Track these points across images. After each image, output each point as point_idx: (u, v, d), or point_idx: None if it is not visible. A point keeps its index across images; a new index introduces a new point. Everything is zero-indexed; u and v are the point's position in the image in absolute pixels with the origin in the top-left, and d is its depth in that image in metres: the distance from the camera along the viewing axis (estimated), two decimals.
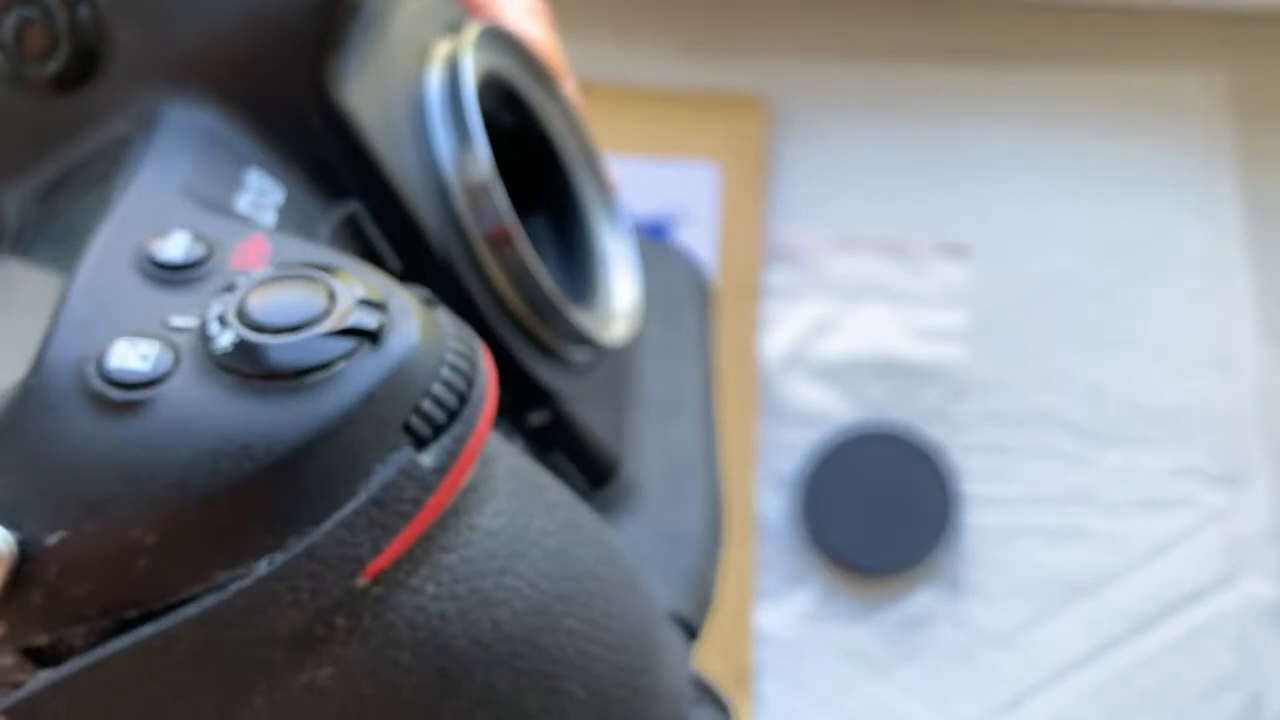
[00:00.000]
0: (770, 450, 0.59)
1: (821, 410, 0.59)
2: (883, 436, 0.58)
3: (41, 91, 0.25)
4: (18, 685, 0.19)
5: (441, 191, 0.27)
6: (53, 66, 0.24)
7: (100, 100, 0.25)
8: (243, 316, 0.19)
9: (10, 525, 0.19)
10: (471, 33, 0.29)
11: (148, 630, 0.19)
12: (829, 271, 0.62)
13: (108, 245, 0.21)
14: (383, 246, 0.26)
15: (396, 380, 0.19)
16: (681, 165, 0.64)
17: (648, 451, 0.31)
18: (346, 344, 0.19)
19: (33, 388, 0.19)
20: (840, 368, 0.60)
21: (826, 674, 0.57)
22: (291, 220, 0.24)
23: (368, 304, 0.20)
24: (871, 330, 0.61)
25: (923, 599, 0.57)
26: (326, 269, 0.20)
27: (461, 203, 0.27)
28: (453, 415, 0.20)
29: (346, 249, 0.24)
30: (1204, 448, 0.59)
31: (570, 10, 0.71)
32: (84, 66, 0.24)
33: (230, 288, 0.20)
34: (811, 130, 0.64)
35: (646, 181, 0.64)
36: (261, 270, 0.20)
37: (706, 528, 0.31)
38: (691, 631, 0.29)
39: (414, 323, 0.20)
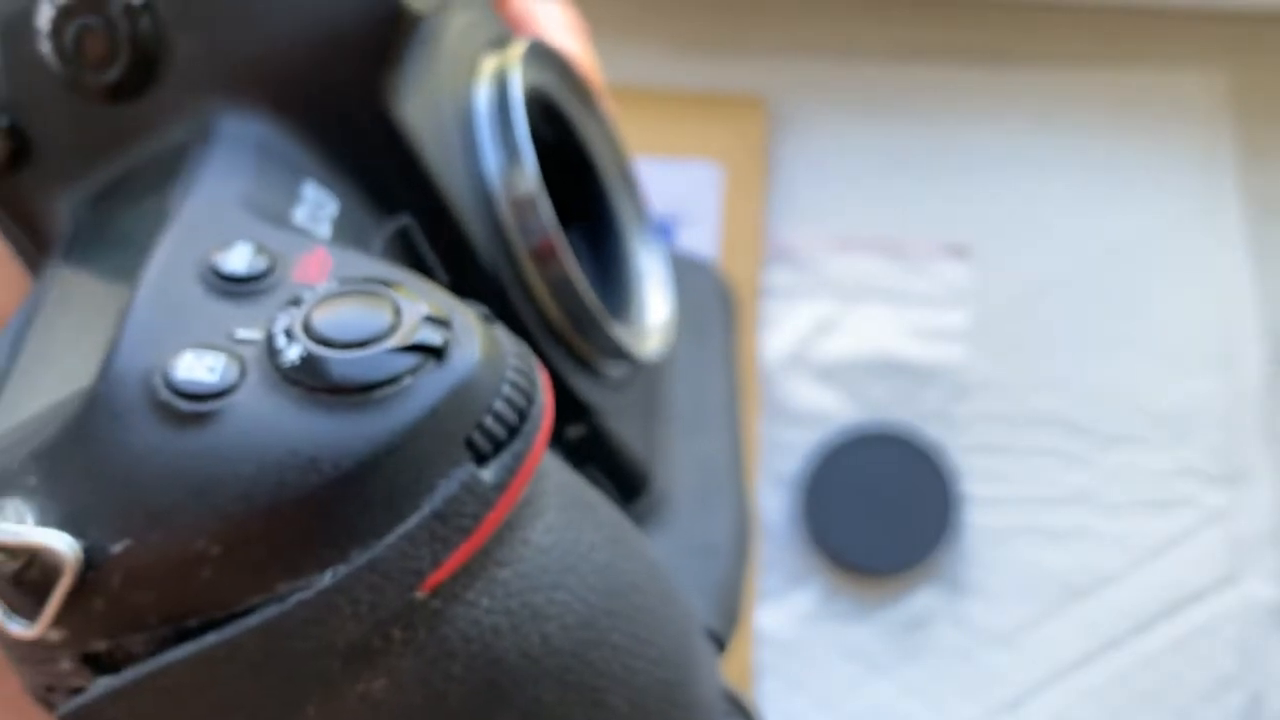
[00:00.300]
0: (771, 450, 0.59)
1: (822, 411, 0.59)
2: (883, 437, 0.58)
3: (98, 99, 0.24)
4: (77, 691, 0.19)
5: (488, 204, 0.27)
6: (111, 75, 0.24)
7: (156, 109, 0.24)
8: (310, 331, 0.19)
9: (75, 532, 0.19)
10: (518, 49, 0.29)
11: (209, 639, 0.19)
12: (829, 271, 0.62)
13: (170, 256, 0.21)
14: (431, 259, 0.26)
15: (461, 396, 0.19)
16: (682, 165, 0.64)
17: (677, 465, 0.31)
18: (412, 360, 0.19)
19: (99, 396, 0.19)
20: (841, 368, 0.60)
21: (827, 674, 0.57)
22: (346, 233, 0.24)
23: (432, 320, 0.20)
24: (872, 330, 0.61)
25: (923, 599, 0.57)
26: (388, 284, 0.20)
27: (507, 216, 0.27)
28: (513, 431, 0.20)
29: (398, 262, 0.24)
30: (1204, 448, 0.59)
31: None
32: (142, 76, 0.24)
33: (295, 301, 0.20)
34: (811, 130, 0.64)
35: (647, 182, 0.63)
36: (325, 284, 0.20)
37: (734, 540, 0.32)
38: (720, 644, 0.29)
39: (476, 339, 0.20)
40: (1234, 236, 0.62)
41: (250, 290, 0.20)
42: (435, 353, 0.19)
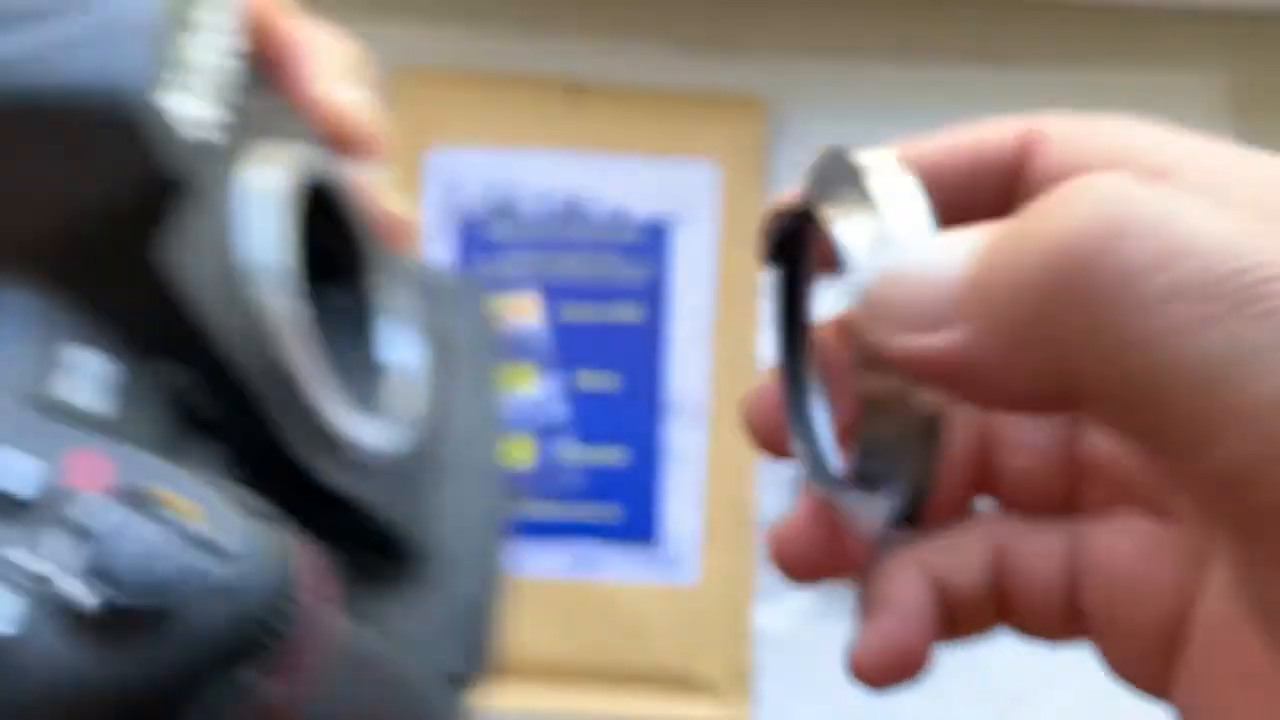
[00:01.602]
0: None
1: None
2: None
3: None
4: None
5: (245, 308, 0.26)
6: None
7: None
8: (101, 572, 0.20)
9: None
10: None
11: None
12: None
13: None
14: (208, 403, 0.26)
15: (236, 619, 0.21)
16: (681, 165, 0.64)
17: (436, 518, 0.31)
18: (194, 589, 0.21)
19: None
20: None
21: (826, 673, 0.57)
22: (129, 397, 0.24)
23: (202, 544, 0.21)
24: None
25: None
26: (165, 499, 0.21)
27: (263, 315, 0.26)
28: (281, 638, 0.21)
29: (181, 413, 0.25)
30: None
31: (571, 10, 0.71)
32: None
33: (66, 523, 0.21)
34: (811, 130, 0.64)
35: (646, 181, 0.64)
36: (107, 507, 0.21)
37: (481, 586, 0.31)
38: (465, 681, 0.30)
39: (252, 558, 0.21)
40: None
41: (18, 507, 0.21)
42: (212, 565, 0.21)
